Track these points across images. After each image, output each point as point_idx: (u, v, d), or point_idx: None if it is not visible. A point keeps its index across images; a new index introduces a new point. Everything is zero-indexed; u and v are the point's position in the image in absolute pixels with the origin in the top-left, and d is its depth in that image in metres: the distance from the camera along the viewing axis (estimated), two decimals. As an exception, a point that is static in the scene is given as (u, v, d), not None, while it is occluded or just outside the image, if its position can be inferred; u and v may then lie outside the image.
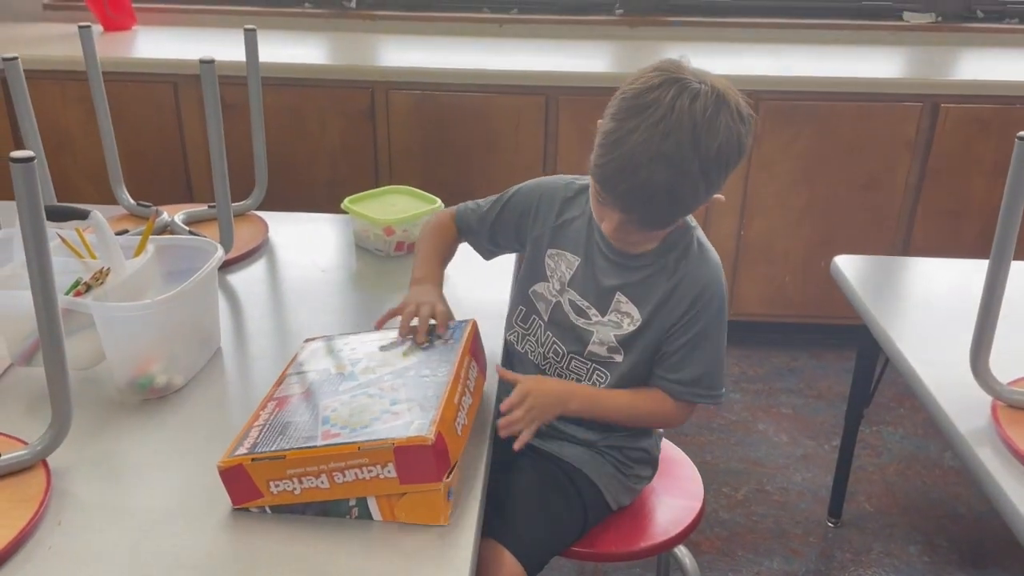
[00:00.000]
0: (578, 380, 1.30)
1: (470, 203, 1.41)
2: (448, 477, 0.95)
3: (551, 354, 1.32)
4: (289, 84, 2.52)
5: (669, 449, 1.53)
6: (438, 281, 1.33)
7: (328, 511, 0.97)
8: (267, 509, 0.98)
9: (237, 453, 0.97)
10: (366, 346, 1.18)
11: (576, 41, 2.90)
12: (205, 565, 0.92)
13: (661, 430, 1.44)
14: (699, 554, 1.95)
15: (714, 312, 1.24)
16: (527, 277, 1.35)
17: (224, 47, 2.16)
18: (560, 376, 1.32)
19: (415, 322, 1.19)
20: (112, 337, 1.14)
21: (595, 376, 1.29)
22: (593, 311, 1.27)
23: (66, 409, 1.01)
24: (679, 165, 1.06)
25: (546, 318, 1.32)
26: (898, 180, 2.57)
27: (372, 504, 0.97)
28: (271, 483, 0.96)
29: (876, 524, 2.08)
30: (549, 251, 1.31)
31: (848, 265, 1.75)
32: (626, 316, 1.25)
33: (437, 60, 2.61)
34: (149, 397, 1.18)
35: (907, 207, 2.60)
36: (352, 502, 0.97)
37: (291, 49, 2.71)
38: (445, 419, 0.97)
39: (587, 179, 1.26)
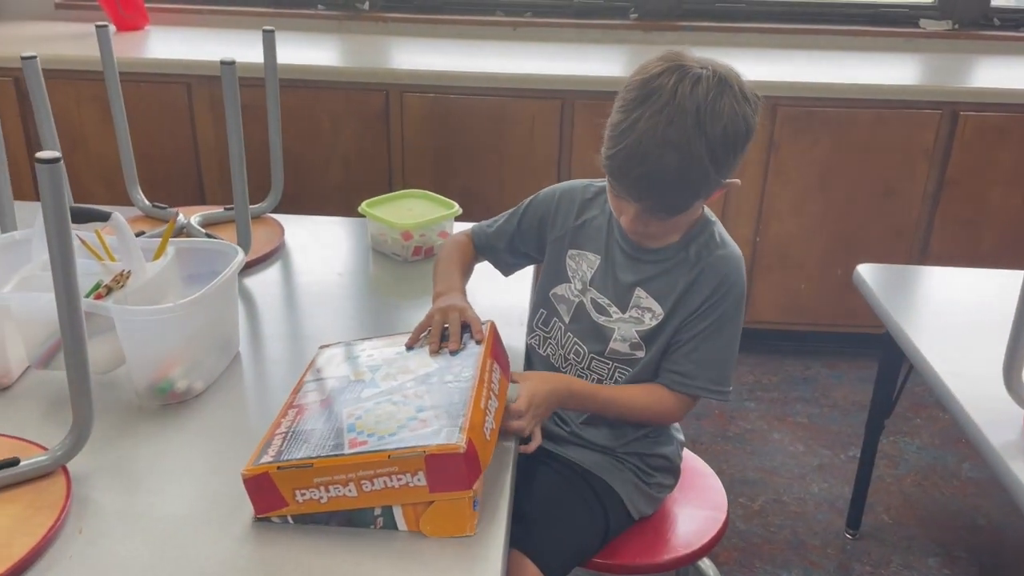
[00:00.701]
0: (599, 381, 1.30)
1: (484, 222, 1.42)
2: (476, 485, 0.94)
3: (572, 355, 1.31)
4: (302, 86, 2.51)
5: (691, 459, 1.51)
6: (461, 289, 1.31)
7: (353, 520, 0.96)
8: (289, 519, 0.97)
9: (262, 461, 0.96)
10: (384, 352, 1.16)
11: (590, 45, 2.88)
12: (228, 575, 0.90)
13: (682, 438, 1.43)
14: (717, 565, 1.92)
15: (731, 304, 1.24)
16: (547, 280, 1.35)
17: (237, 48, 2.14)
18: (580, 377, 1.31)
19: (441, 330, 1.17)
20: (132, 341, 1.12)
21: (616, 374, 1.29)
22: (614, 308, 1.27)
23: (87, 414, 0.99)
24: (686, 149, 1.08)
25: (567, 319, 1.31)
26: (916, 188, 2.55)
27: (398, 513, 0.95)
28: (297, 492, 0.94)
29: (895, 536, 2.05)
30: (570, 252, 1.31)
31: (871, 273, 1.74)
32: (647, 311, 1.25)
33: (451, 63, 2.60)
34: (169, 402, 1.16)
35: (924, 215, 2.58)
36: (377, 511, 0.95)
37: (304, 51, 2.70)
38: (474, 425, 0.95)
39: (604, 181, 1.26)
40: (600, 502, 1.30)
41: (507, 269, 1.43)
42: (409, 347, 1.15)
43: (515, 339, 1.37)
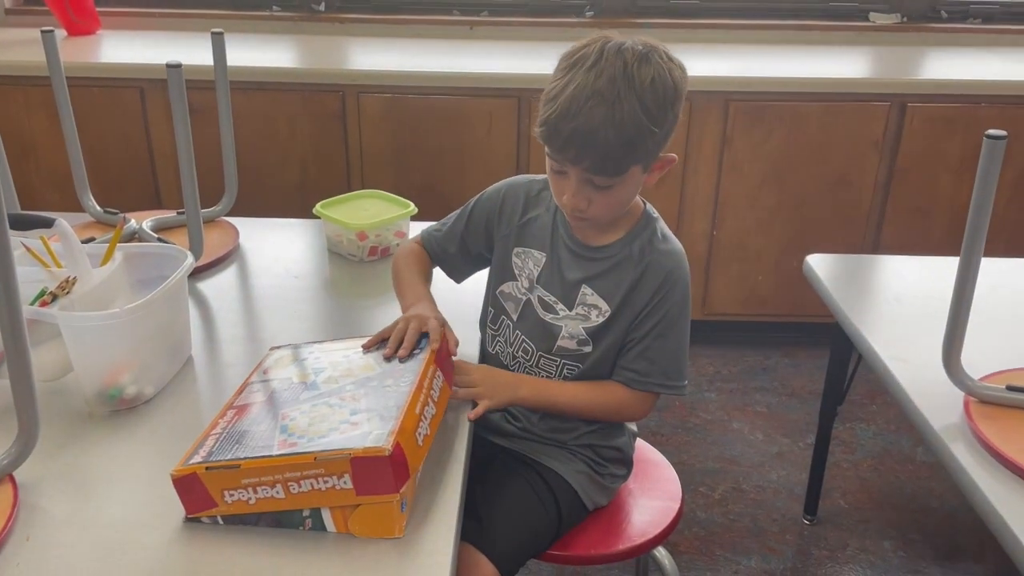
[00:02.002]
0: (548, 378, 1.31)
1: (431, 226, 1.42)
2: (403, 489, 0.93)
3: (520, 353, 1.32)
4: (258, 88, 2.50)
5: (646, 450, 1.53)
6: (428, 298, 1.31)
7: (282, 522, 0.96)
8: (219, 519, 0.96)
9: (192, 462, 0.96)
10: (331, 355, 1.16)
11: (547, 43, 2.89)
12: (179, 579, 0.90)
13: (635, 428, 1.44)
14: (677, 554, 1.95)
15: (677, 300, 1.26)
16: (495, 278, 1.36)
17: (191, 51, 2.12)
18: (530, 375, 1.32)
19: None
20: (80, 347, 1.11)
21: (565, 371, 1.30)
22: (560, 306, 1.28)
23: (33, 422, 0.98)
24: (614, 98, 1.10)
25: (515, 317, 1.32)
26: (867, 179, 2.60)
27: (326, 515, 0.95)
28: (226, 492, 0.94)
29: (851, 520, 2.09)
30: (516, 250, 1.32)
31: (820, 264, 1.77)
32: (593, 308, 1.27)
33: (408, 63, 2.60)
34: (119, 408, 1.16)
35: (876, 205, 2.63)
36: (306, 513, 0.95)
37: (259, 53, 2.69)
38: (405, 429, 0.95)
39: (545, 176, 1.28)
40: (553, 494, 1.31)
41: (459, 276, 1.42)
42: (365, 349, 1.16)
43: (471, 341, 1.37)
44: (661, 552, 1.40)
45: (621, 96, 1.10)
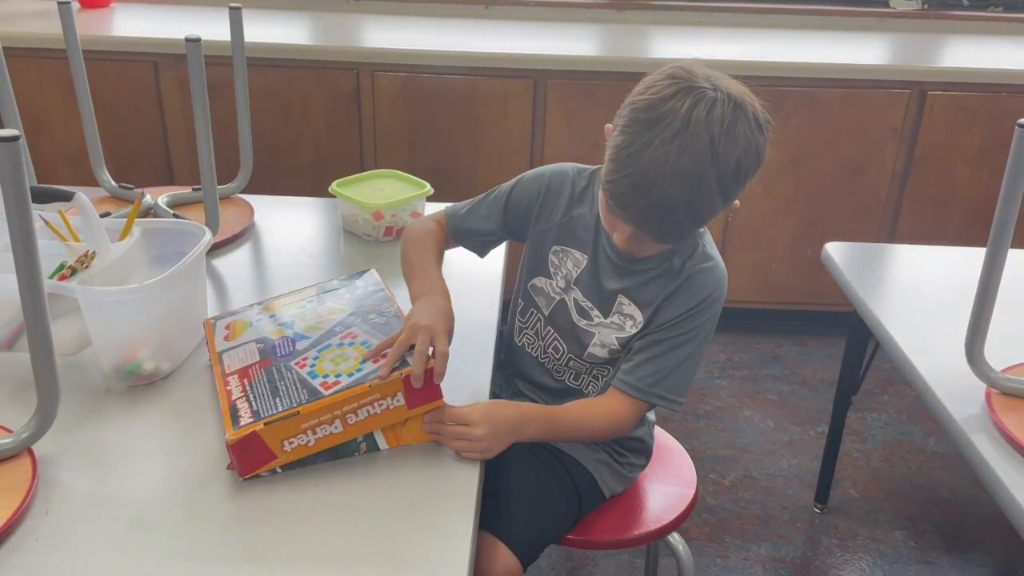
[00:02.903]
0: (575, 377, 1.29)
1: (458, 206, 1.33)
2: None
3: (551, 350, 1.30)
4: (272, 65, 2.48)
5: (661, 436, 1.53)
6: (443, 292, 1.19)
7: (339, 453, 1.03)
8: (277, 470, 1.01)
9: (243, 423, 0.98)
10: (289, 309, 1.22)
11: (563, 24, 2.87)
12: (196, 554, 0.90)
13: (653, 418, 1.44)
14: (687, 540, 1.93)
15: (708, 319, 1.22)
16: (528, 271, 1.30)
17: (204, 25, 2.10)
18: (557, 373, 1.30)
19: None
20: (98, 322, 1.11)
21: (595, 370, 1.28)
22: (596, 312, 1.24)
23: (53, 396, 0.98)
24: (697, 181, 1.02)
25: (546, 313, 1.29)
26: (884, 167, 2.57)
27: (379, 436, 1.04)
28: (285, 442, 0.99)
29: (862, 509, 2.09)
30: (555, 248, 1.26)
31: (839, 252, 1.75)
32: (628, 318, 1.22)
33: (423, 41, 2.58)
34: (136, 384, 1.16)
35: (893, 195, 2.61)
36: (360, 439, 1.03)
37: (274, 29, 2.67)
38: None
39: (594, 167, 1.23)
40: (573, 482, 1.30)
41: (482, 251, 1.36)
42: (372, 361, 1.06)
43: (487, 325, 1.35)
44: (675, 538, 1.39)
45: (703, 180, 1.02)
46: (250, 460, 0.99)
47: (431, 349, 1.04)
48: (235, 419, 0.99)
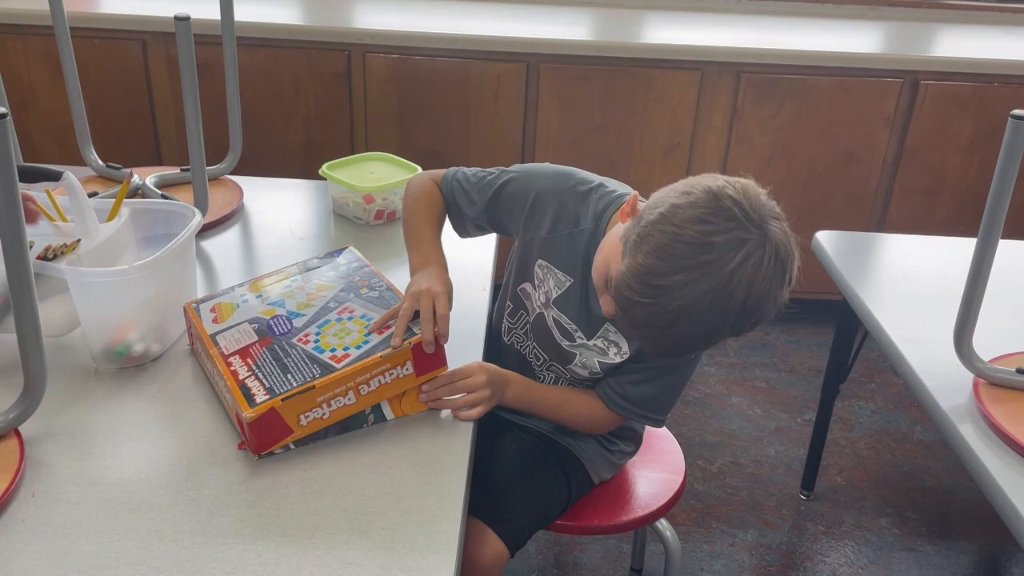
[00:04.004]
0: (556, 381, 1.29)
1: (458, 175, 1.28)
2: None
3: (532, 356, 1.30)
4: (263, 44, 2.45)
5: (650, 422, 1.53)
6: (441, 263, 1.19)
7: (349, 426, 1.06)
8: (291, 445, 1.02)
9: (260, 401, 0.99)
10: (274, 288, 1.22)
11: (556, 7, 2.85)
12: (182, 538, 0.89)
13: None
14: (674, 526, 1.95)
15: (697, 355, 1.23)
16: (517, 273, 1.28)
17: (195, 4, 2.08)
18: (541, 376, 1.29)
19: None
20: (87, 303, 1.10)
21: (575, 384, 1.28)
22: (579, 333, 1.22)
23: (39, 377, 0.97)
24: (713, 329, 0.97)
25: (531, 319, 1.27)
26: (875, 156, 2.58)
27: (385, 407, 1.08)
28: (301, 416, 1.01)
29: (847, 497, 2.10)
30: (539, 261, 1.22)
31: (830, 240, 1.76)
32: (613, 345, 1.20)
33: (415, 23, 2.55)
34: (125, 365, 1.15)
35: (884, 184, 2.61)
36: (368, 411, 1.06)
37: (264, 8, 2.63)
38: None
39: (592, 183, 1.18)
40: (563, 468, 1.31)
41: (464, 234, 1.33)
42: (378, 334, 1.08)
43: (476, 310, 1.35)
44: (663, 524, 1.40)
45: (719, 329, 0.97)
46: (267, 437, 1.00)
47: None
48: (249, 398, 1.00)
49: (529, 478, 1.28)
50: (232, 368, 1.05)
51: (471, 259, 1.48)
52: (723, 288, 0.93)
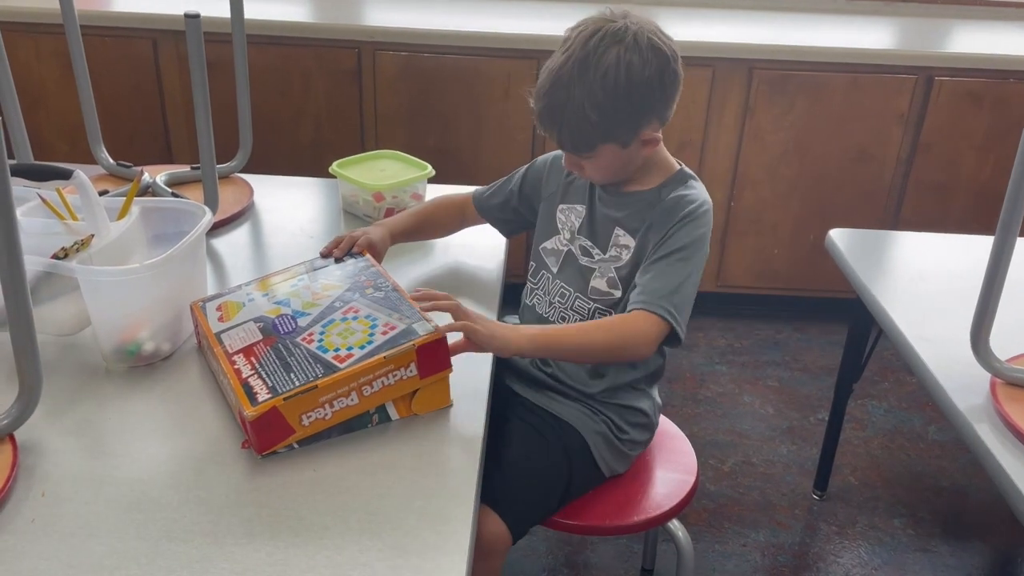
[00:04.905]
0: (580, 320, 1.34)
1: (481, 187, 1.51)
2: None
3: (557, 298, 1.36)
4: (272, 42, 2.45)
5: (662, 422, 1.52)
6: (390, 226, 1.41)
7: (352, 426, 1.05)
8: (294, 445, 1.01)
9: (262, 400, 0.98)
10: (281, 287, 1.22)
11: (567, 3, 2.83)
12: (192, 538, 0.89)
13: (659, 401, 1.43)
14: (686, 526, 1.95)
15: (691, 243, 1.25)
16: (539, 237, 1.42)
17: (205, 2, 2.08)
18: (563, 319, 1.35)
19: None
20: (98, 302, 1.10)
21: (596, 315, 1.32)
22: (596, 250, 1.33)
23: (35, 381, 0.96)
24: (570, 85, 1.19)
25: (555, 269, 1.37)
26: (889, 153, 2.55)
27: (390, 408, 1.07)
28: (303, 416, 1.00)
29: (861, 497, 2.09)
30: (561, 206, 1.39)
31: (843, 238, 1.74)
32: (624, 248, 1.31)
33: (425, 21, 2.55)
34: (136, 364, 1.14)
35: (898, 181, 2.59)
36: (372, 411, 1.05)
37: (274, 6, 2.63)
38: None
39: None
40: (564, 446, 1.32)
41: (506, 228, 1.51)
42: (323, 255, 1.29)
43: (487, 313, 1.35)
44: (675, 524, 1.39)
45: (574, 83, 1.18)
46: (269, 436, 0.99)
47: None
48: (251, 396, 0.99)
49: (532, 460, 1.29)
50: (236, 367, 1.05)
51: (476, 277, 1.48)
52: (569, 53, 1.19)
